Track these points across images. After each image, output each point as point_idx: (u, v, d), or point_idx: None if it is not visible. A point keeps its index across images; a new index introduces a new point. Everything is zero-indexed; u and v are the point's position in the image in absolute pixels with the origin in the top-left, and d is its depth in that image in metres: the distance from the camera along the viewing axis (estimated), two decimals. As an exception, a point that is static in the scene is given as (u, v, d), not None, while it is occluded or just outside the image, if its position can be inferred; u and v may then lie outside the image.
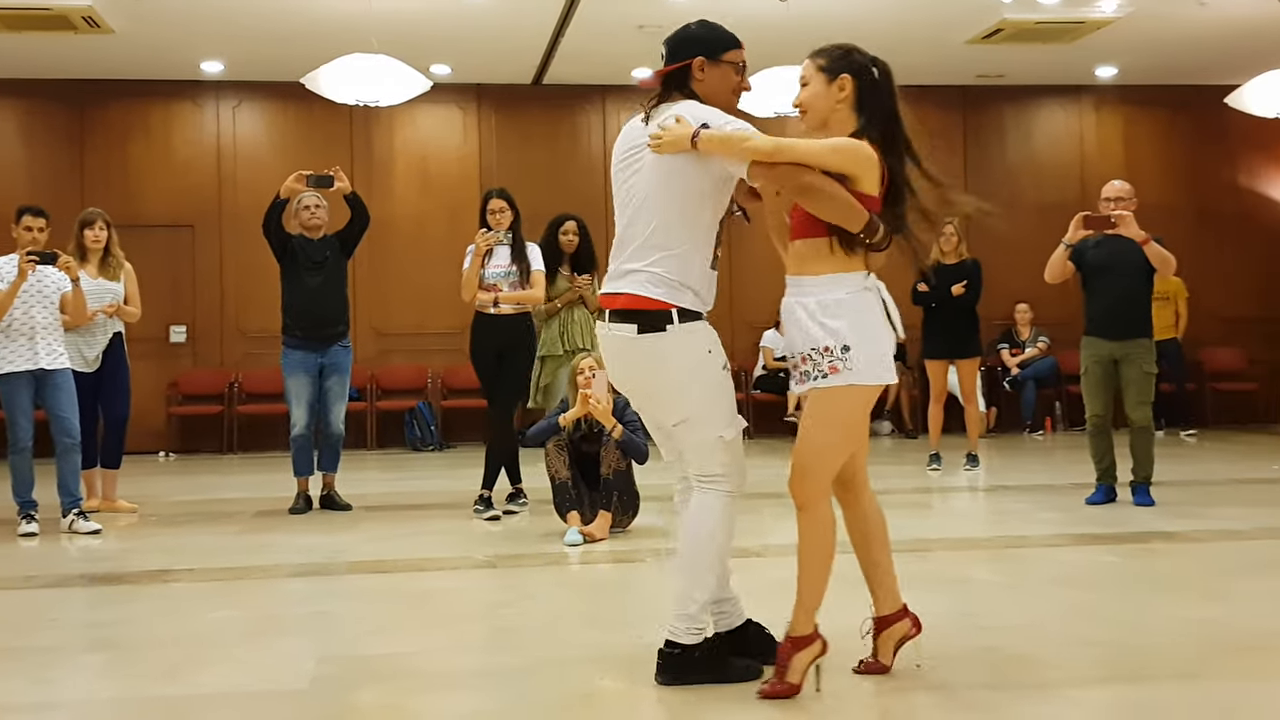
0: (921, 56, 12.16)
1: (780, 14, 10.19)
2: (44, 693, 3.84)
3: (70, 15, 10.18)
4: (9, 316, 7.05)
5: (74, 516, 7.14)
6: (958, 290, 9.01)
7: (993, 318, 12.33)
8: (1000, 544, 6.25)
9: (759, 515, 7.33)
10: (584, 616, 4.80)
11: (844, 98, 3.67)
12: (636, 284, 3.55)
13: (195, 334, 12.80)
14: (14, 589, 5.60)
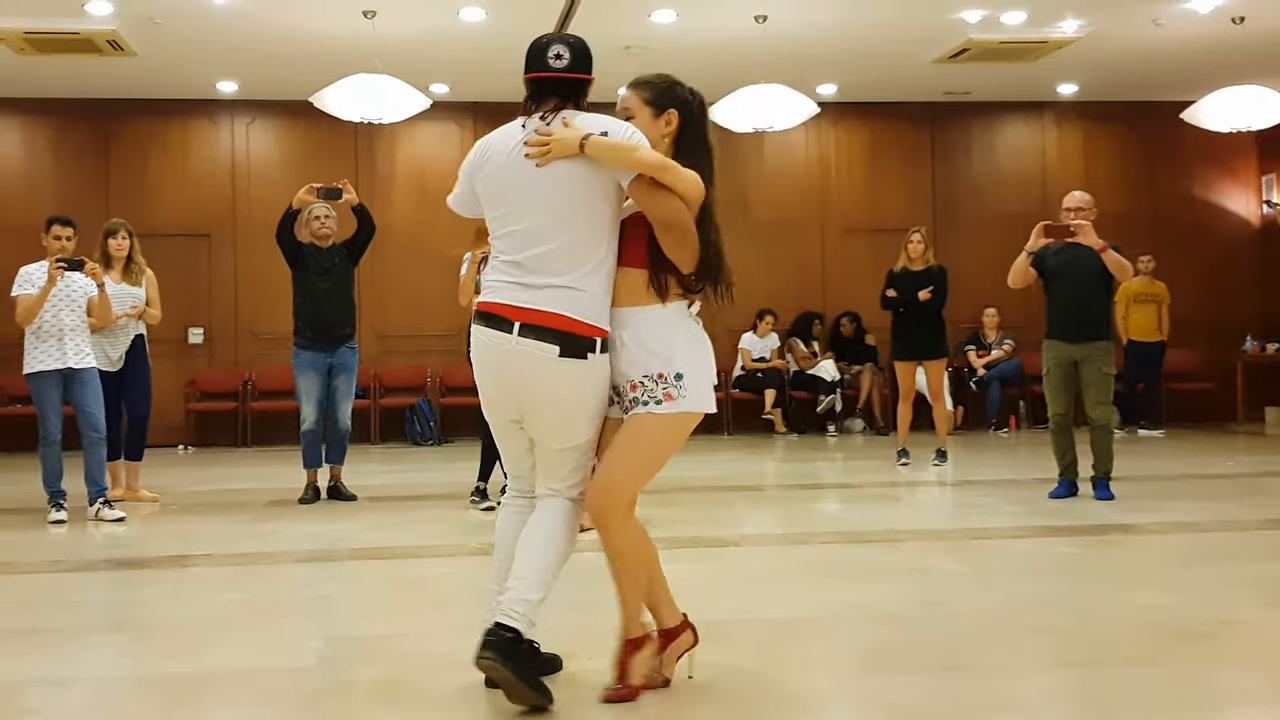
0: (891, 74, 12.22)
1: (757, 33, 10.21)
2: (66, 669, 3.86)
3: (96, 39, 10.19)
4: (39, 319, 7.07)
5: (100, 505, 7.17)
6: (924, 295, 9.02)
7: (960, 321, 12.37)
8: (965, 535, 6.26)
9: (732, 508, 7.39)
10: (571, 601, 4.80)
11: (669, 131, 3.39)
12: (563, 302, 3.21)
13: (211, 336, 12.80)
14: (42, 572, 5.63)
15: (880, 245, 12.18)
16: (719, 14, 9.93)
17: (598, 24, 9.98)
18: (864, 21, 10.31)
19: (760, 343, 12.95)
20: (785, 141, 13.15)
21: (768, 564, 5.52)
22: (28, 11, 9.55)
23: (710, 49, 10.82)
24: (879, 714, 3.27)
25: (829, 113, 12.72)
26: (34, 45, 10.32)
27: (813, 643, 4.05)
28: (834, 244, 13.52)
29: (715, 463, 10.10)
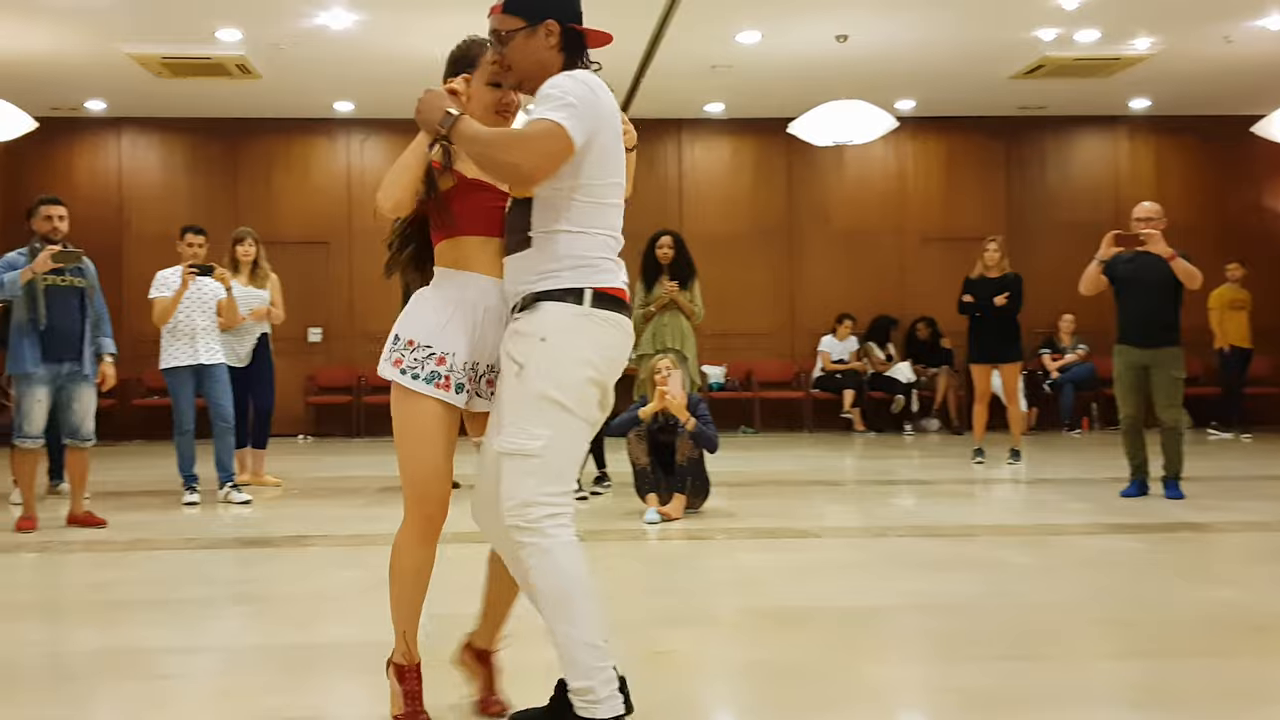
0: (969, 91, 12.07)
1: (838, 52, 10.15)
2: (196, 638, 3.96)
3: (226, 64, 10.44)
4: (174, 319, 7.26)
5: (228, 489, 7.34)
6: (1000, 301, 8.91)
7: (1034, 326, 12.16)
8: (1037, 531, 6.15)
9: (812, 501, 7.34)
10: (658, 586, 4.84)
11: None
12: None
13: (329, 335, 13.03)
14: (175, 549, 5.75)
15: (956, 253, 12.04)
16: (802, 34, 9.88)
17: (686, 45, 10.01)
18: (942, 40, 10.19)
19: (839, 345, 12.87)
20: (865, 154, 13.04)
21: (846, 555, 5.48)
22: (166, 39, 9.81)
23: (793, 67, 10.77)
24: (949, 699, 3.23)
25: (907, 127, 12.59)
26: (171, 69, 10.60)
27: (887, 630, 4.01)
28: (911, 252, 13.37)
29: (796, 458, 10.05)
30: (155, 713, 3.14)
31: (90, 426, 6.44)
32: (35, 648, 3.92)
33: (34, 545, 5.86)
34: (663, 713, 3.09)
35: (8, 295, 6.24)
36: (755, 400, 12.98)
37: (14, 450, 6.38)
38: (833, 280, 13.26)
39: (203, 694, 3.31)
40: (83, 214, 8.98)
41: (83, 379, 6.36)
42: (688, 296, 7.60)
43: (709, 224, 12.97)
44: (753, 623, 4.11)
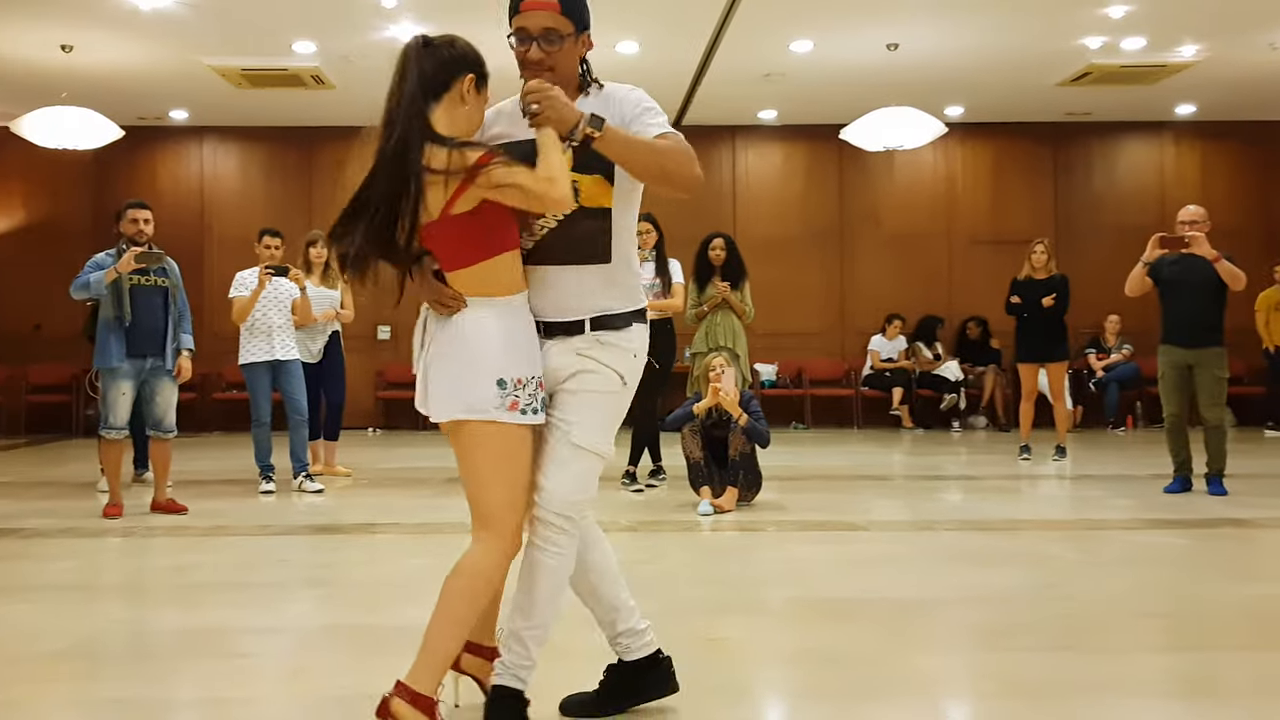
0: (1017, 98, 11.92)
1: (889, 60, 10.07)
2: (272, 618, 4.02)
3: (301, 75, 10.56)
4: (251, 318, 7.36)
5: (302, 478, 7.43)
6: (1048, 302, 8.81)
7: (1079, 326, 11.99)
8: (1082, 526, 6.08)
9: (861, 495, 7.30)
10: (710, 575, 4.83)
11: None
12: None
13: (397, 332, 13.13)
14: (252, 535, 5.84)
15: (1004, 255, 11.91)
16: (853, 43, 9.82)
17: (741, 53, 9.98)
18: (990, 49, 10.08)
19: (888, 344, 12.78)
20: (914, 159, 12.93)
21: (893, 548, 5.44)
22: (245, 52, 9.95)
23: (844, 75, 10.70)
24: (993, 687, 3.20)
25: (956, 132, 12.46)
26: (250, 80, 10.74)
27: (934, 621, 3.98)
28: (960, 254, 13.23)
29: (846, 454, 9.99)
30: (233, 689, 3.19)
31: (172, 419, 6.54)
32: (121, 626, 3.99)
33: (120, 530, 5.96)
34: (715, 697, 3.09)
35: (94, 294, 6.36)
36: (806, 397, 12.92)
37: (101, 440, 6.50)
38: (882, 281, 13.17)
39: (277, 672, 3.36)
40: (167, 218, 9.14)
41: (165, 374, 6.45)
42: (739, 296, 7.60)
43: (762, 227, 12.93)
44: (802, 612, 4.09)
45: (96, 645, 3.69)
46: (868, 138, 10.36)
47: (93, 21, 8.98)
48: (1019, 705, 3.02)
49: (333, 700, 3.07)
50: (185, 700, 3.14)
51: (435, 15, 8.84)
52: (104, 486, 6.96)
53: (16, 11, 8.79)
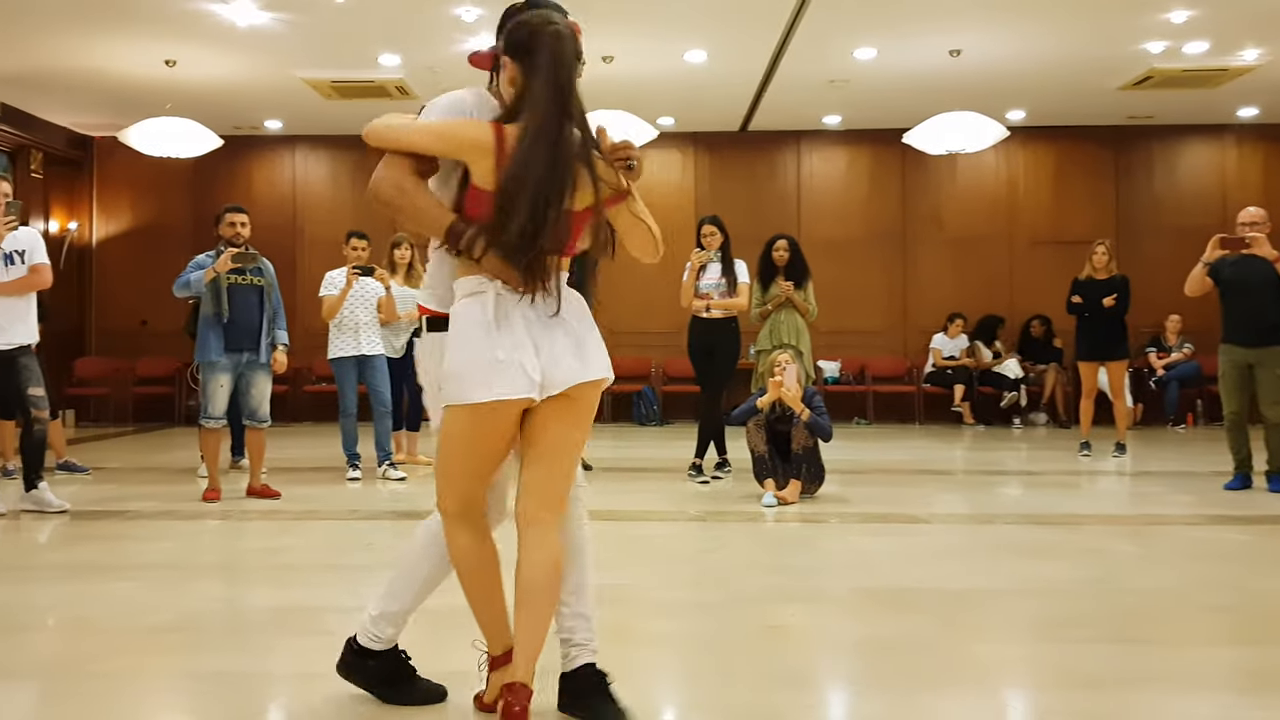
0: (1079, 102, 11.69)
1: (951, 66, 9.94)
2: (358, 599, 4.03)
3: (387, 86, 10.68)
4: (340, 315, 7.48)
5: (386, 466, 7.52)
6: (1109, 302, 8.64)
7: (1140, 325, 11.73)
8: (1141, 521, 5.94)
9: (922, 489, 7.21)
10: (773, 565, 4.81)
11: (511, 79, 2.61)
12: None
13: (477, 331, 13.26)
14: (340, 520, 5.92)
15: (1065, 256, 11.70)
16: (916, 50, 9.69)
17: (806, 61, 9.91)
18: (1052, 54, 9.89)
19: (950, 343, 12.63)
20: (976, 162, 12.74)
21: (953, 540, 5.37)
22: (334, 65, 10.09)
23: (907, 81, 10.57)
24: (1051, 677, 3.15)
25: (1018, 136, 12.25)
26: (339, 92, 10.90)
27: (991, 612, 3.92)
28: (1021, 255, 13.02)
29: (907, 449, 9.88)
30: (322, 664, 3.23)
31: (266, 409, 6.66)
32: (218, 604, 4.08)
33: (217, 514, 6.08)
34: (777, 684, 3.07)
35: (194, 292, 6.50)
36: (869, 394, 12.80)
37: (201, 429, 6.64)
38: (944, 281, 13.00)
39: (362, 650, 3.40)
40: (262, 221, 9.29)
41: (260, 367, 6.57)
42: (802, 295, 7.57)
43: (826, 229, 12.83)
44: (864, 601, 4.06)
45: (196, 620, 3.77)
46: (930, 142, 10.22)
47: (194, 38, 9.18)
48: (1077, 696, 2.96)
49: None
50: (278, 673, 3.20)
51: (514, 27, 8.89)
52: (203, 472, 7.11)
53: (125, 30, 9.01)
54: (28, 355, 6.02)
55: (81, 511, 6.09)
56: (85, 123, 12.56)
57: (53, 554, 5.06)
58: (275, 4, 8.42)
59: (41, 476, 6.07)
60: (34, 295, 6.11)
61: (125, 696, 2.97)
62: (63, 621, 3.80)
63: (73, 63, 9.95)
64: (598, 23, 8.75)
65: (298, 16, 8.69)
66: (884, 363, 12.97)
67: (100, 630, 3.62)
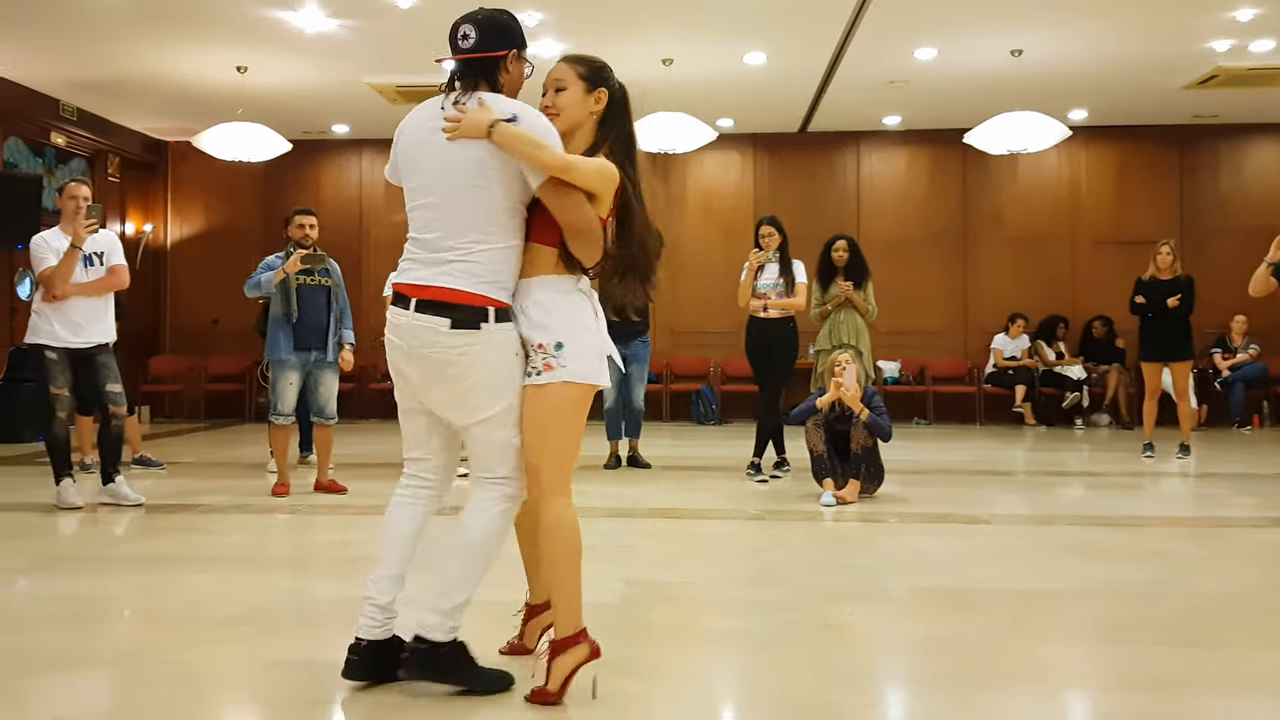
0: (1143, 101, 11.48)
1: (1013, 66, 9.80)
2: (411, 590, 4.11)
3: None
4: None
5: (449, 466, 7.58)
6: (1173, 303, 8.47)
7: (1204, 326, 11.49)
8: (1205, 523, 5.82)
9: (983, 489, 7.12)
10: (833, 564, 4.78)
11: (598, 110, 2.92)
12: (455, 276, 2.79)
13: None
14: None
15: (1128, 256, 11.50)
16: (977, 50, 9.57)
17: (865, 61, 9.84)
18: (1116, 53, 9.71)
19: (1011, 343, 12.46)
20: (1038, 162, 12.56)
21: (1015, 541, 5.30)
22: (400, 70, 10.18)
23: (968, 81, 10.45)
24: (1112, 680, 3.09)
25: (1080, 136, 12.06)
26: (404, 96, 11.01)
27: (1053, 613, 3.86)
28: (1083, 255, 12.81)
29: (968, 449, 9.77)
30: (387, 656, 3.27)
31: (333, 407, 6.74)
32: (287, 595, 4.13)
33: (286, 508, 6.17)
34: (836, 681, 3.05)
35: (265, 292, 6.61)
36: (929, 394, 12.67)
37: (270, 426, 6.75)
38: (1005, 281, 12.83)
39: (427, 642, 3.43)
40: (329, 223, 9.42)
41: (328, 365, 6.66)
42: (862, 295, 7.51)
43: (885, 229, 12.73)
44: (924, 600, 4.02)
45: (266, 611, 3.83)
46: (991, 142, 10.09)
47: (265, 44, 9.33)
48: (1139, 698, 2.91)
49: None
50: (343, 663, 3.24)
51: (574, 34, 8.93)
52: (273, 467, 7.22)
53: (198, 37, 9.19)
54: (106, 353, 6.16)
55: (156, 505, 6.22)
56: (160, 128, 12.83)
57: (129, 546, 5.16)
58: (342, 11, 8.53)
59: (118, 470, 6.22)
60: (112, 295, 6.25)
61: (199, 684, 3.03)
62: (138, 612, 3.88)
63: (148, 70, 10.16)
64: (658, 25, 8.77)
65: (364, 23, 8.80)
66: (944, 363, 12.84)
67: (174, 620, 3.70)
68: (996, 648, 3.38)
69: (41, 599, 4.07)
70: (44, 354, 5.99)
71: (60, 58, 9.83)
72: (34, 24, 8.84)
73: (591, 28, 8.80)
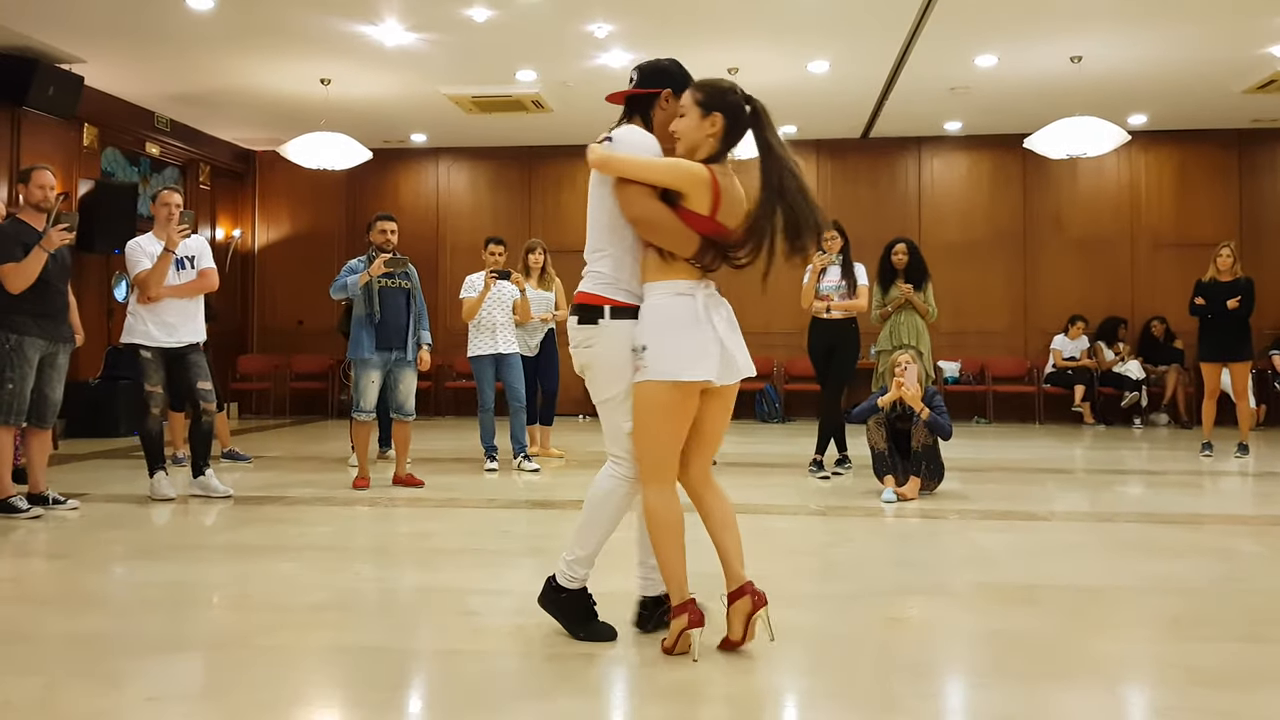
0: (1202, 105, 11.19)
1: (1072, 72, 9.61)
2: (499, 582, 4.14)
3: (524, 100, 10.85)
4: (479, 316, 7.62)
5: (521, 459, 7.62)
6: (1233, 304, 8.26)
7: (1265, 326, 11.18)
8: (1266, 521, 5.64)
9: (1044, 487, 6.99)
10: (895, 559, 4.72)
11: (714, 132, 3.12)
12: (586, 281, 3.19)
13: (605, 331, 13.33)
14: (479, 508, 6.00)
15: (1188, 258, 11.23)
16: (1037, 56, 9.40)
17: (926, 68, 9.71)
18: (1175, 58, 9.48)
19: (1071, 344, 12.23)
20: (1098, 166, 12.31)
21: (1075, 538, 5.19)
22: (475, 81, 10.28)
23: (1028, 87, 10.27)
24: (1177, 675, 3.01)
25: (1139, 140, 11.80)
26: (479, 106, 11.11)
27: (1116, 609, 3.77)
28: (1143, 257, 12.53)
29: (1028, 447, 9.60)
30: (464, 642, 3.30)
31: (412, 404, 6.81)
32: (370, 584, 4.17)
33: (367, 500, 6.24)
34: (898, 674, 3.02)
35: (350, 294, 6.70)
36: (989, 393, 12.48)
37: (352, 422, 6.84)
38: (1065, 283, 12.60)
39: (503, 629, 3.45)
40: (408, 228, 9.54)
41: (407, 364, 6.73)
42: (922, 297, 7.41)
43: (947, 232, 12.56)
44: (984, 595, 3.95)
45: (349, 599, 3.88)
46: (1051, 146, 9.92)
47: (347, 57, 9.46)
48: (1202, 693, 2.83)
49: (548, 657, 3.14)
50: (424, 650, 3.27)
51: (644, 44, 8.93)
52: (354, 462, 7.32)
53: (284, 52, 9.35)
54: (197, 352, 6.28)
55: (244, 497, 6.34)
56: (248, 138, 13.08)
57: (219, 536, 5.26)
58: (421, 25, 8.62)
59: (208, 464, 6.35)
60: (202, 297, 6.38)
61: (287, 668, 3.07)
62: (228, 598, 3.95)
63: (237, 83, 10.36)
64: (725, 35, 8.74)
65: (442, 36, 8.88)
66: (1004, 363, 12.63)
67: (263, 607, 3.76)
68: (1057, 642, 3.31)
69: (137, 585, 4.16)
70: (139, 353, 6.13)
71: (155, 73, 10.06)
72: (131, 42, 9.07)
73: (660, 38, 8.79)
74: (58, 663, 3.08)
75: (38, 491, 5.81)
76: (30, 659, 3.13)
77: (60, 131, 10.04)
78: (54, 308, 5.76)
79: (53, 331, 5.75)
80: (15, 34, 8.78)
